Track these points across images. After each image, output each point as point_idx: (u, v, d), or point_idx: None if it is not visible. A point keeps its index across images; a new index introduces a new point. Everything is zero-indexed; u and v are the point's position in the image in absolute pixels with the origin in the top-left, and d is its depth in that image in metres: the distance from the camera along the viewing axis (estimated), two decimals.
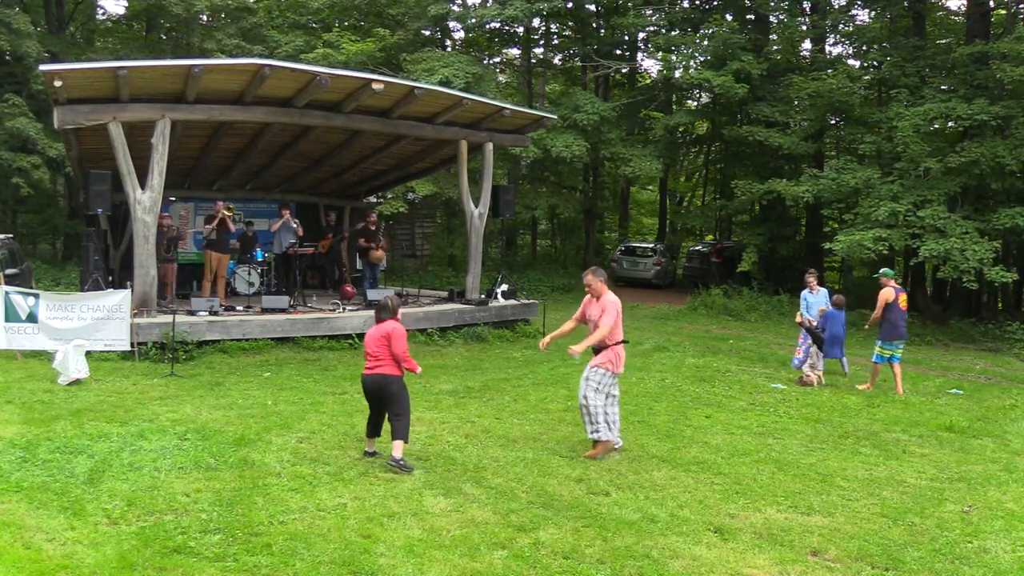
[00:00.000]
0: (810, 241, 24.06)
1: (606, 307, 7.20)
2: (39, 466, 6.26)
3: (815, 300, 12.02)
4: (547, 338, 7.55)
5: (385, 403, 6.74)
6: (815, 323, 11.60)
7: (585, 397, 7.22)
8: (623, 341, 7.36)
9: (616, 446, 7.42)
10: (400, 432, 6.59)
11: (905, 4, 21.56)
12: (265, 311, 12.64)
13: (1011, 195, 17.82)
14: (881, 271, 11.40)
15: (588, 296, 7.41)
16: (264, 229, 16.04)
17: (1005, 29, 19.61)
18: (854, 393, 10.81)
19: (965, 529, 5.86)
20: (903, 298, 11.13)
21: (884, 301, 10.85)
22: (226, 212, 14.28)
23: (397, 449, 6.56)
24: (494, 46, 29.05)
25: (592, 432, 7.26)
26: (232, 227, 14.53)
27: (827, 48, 25.08)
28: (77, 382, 9.16)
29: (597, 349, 7.30)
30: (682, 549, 5.26)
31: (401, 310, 7.02)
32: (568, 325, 7.63)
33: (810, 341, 11.95)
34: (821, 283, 13.28)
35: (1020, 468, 7.58)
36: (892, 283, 11.08)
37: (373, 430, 6.93)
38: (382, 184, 19.38)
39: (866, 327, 10.73)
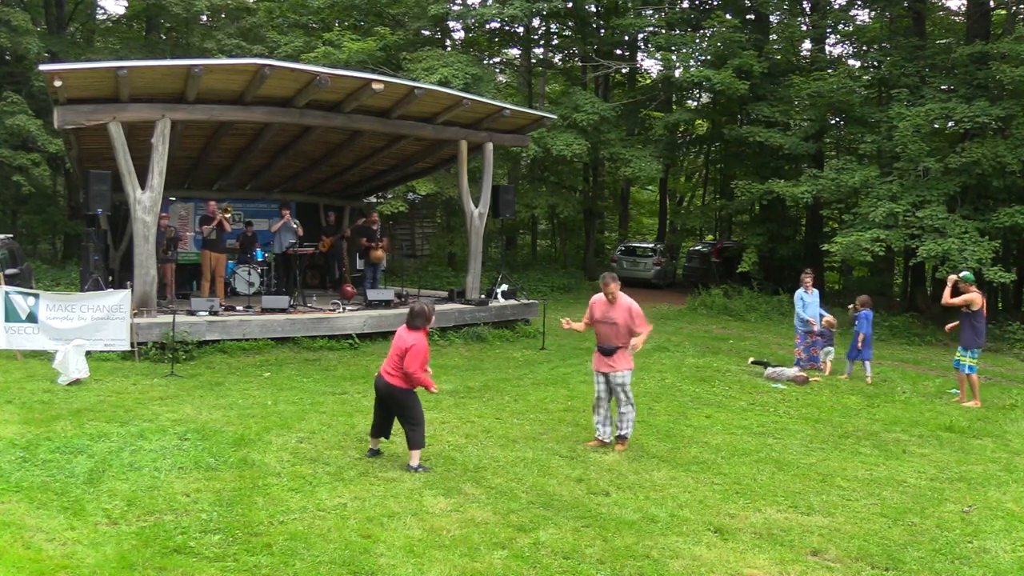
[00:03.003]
0: (810, 241, 24.03)
1: (632, 308, 7.43)
2: (39, 466, 6.26)
3: (811, 300, 12.03)
4: (569, 323, 7.78)
5: (393, 410, 6.78)
6: (835, 323, 11.75)
7: (632, 404, 7.56)
8: None
9: (607, 440, 7.68)
10: (416, 442, 6.66)
11: (905, 4, 21.56)
12: (265, 311, 12.63)
13: (1012, 193, 17.81)
14: (962, 275, 10.84)
15: (600, 299, 7.52)
16: (264, 229, 16.04)
17: (1005, 29, 19.61)
18: (854, 393, 10.81)
19: (965, 529, 5.86)
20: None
21: (973, 307, 10.41)
22: (224, 215, 14.25)
23: (414, 458, 6.64)
24: (494, 46, 29.02)
25: (628, 429, 7.57)
26: (228, 227, 14.51)
27: (827, 48, 25.09)
28: (77, 382, 9.16)
29: (610, 350, 7.47)
30: (682, 549, 5.26)
31: (435, 317, 7.04)
32: (579, 325, 7.78)
33: (808, 341, 12.04)
34: (820, 284, 13.31)
35: (1020, 468, 7.58)
36: (974, 289, 10.65)
37: (377, 431, 6.94)
38: (382, 184, 19.38)
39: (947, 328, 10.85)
